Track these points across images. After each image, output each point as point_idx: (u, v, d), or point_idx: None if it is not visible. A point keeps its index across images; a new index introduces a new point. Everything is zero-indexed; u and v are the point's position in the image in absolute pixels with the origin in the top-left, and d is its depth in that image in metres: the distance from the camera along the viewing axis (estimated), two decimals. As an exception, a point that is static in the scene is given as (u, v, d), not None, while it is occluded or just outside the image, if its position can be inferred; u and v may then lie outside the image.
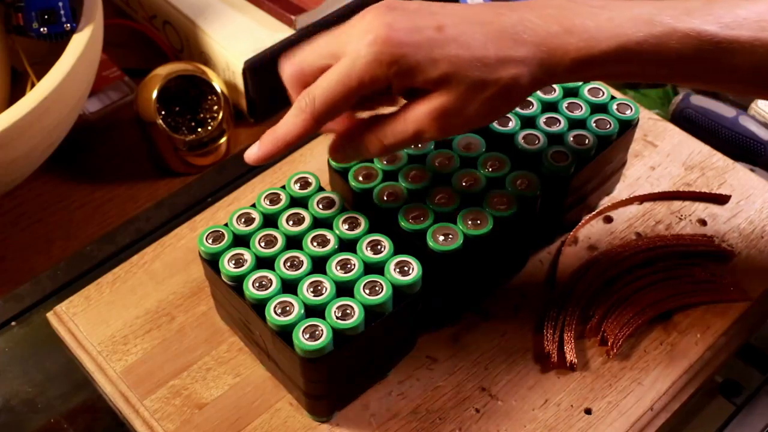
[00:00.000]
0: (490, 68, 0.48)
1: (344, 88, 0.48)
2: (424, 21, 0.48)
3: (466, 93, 0.48)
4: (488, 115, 0.50)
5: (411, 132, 0.49)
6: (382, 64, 0.47)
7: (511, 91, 0.49)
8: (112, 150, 0.78)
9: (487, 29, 0.48)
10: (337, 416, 0.57)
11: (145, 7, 0.84)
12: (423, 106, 0.49)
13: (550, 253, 0.66)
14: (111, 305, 0.64)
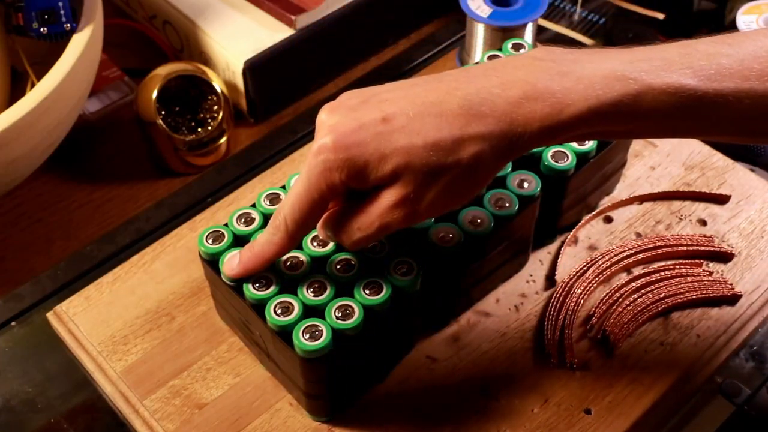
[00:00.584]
0: (446, 151, 0.45)
1: (308, 202, 0.48)
2: (369, 115, 0.46)
3: (424, 181, 0.45)
4: (454, 199, 0.48)
5: (376, 226, 0.47)
6: (333, 170, 0.46)
7: (474, 171, 0.46)
8: (112, 150, 0.78)
9: (439, 109, 0.45)
10: (337, 416, 0.57)
11: (145, 7, 0.84)
12: (383, 199, 0.47)
13: (550, 253, 0.66)
14: (111, 305, 0.64)
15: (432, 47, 0.85)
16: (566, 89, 0.45)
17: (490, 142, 0.45)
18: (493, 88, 0.46)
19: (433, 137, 0.45)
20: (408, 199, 0.46)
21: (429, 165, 0.45)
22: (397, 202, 0.46)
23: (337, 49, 0.83)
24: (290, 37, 0.77)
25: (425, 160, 0.45)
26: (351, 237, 0.49)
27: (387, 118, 0.46)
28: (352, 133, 0.45)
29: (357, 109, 0.47)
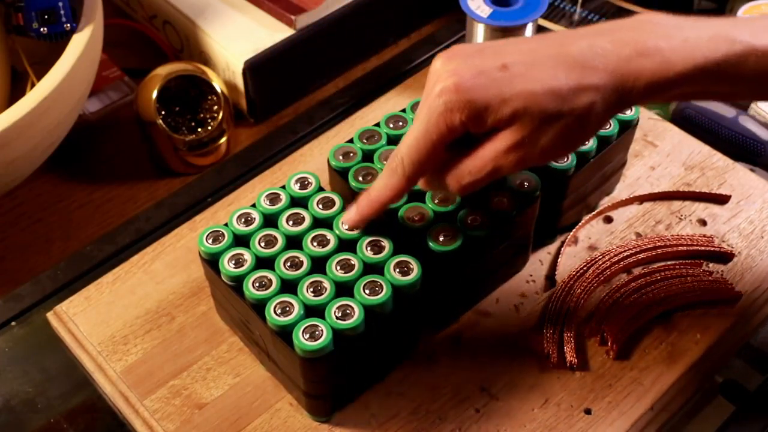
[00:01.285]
0: (562, 99, 0.47)
1: (426, 143, 0.49)
2: (488, 62, 0.48)
3: (540, 126, 0.47)
4: (564, 146, 0.50)
5: (488, 169, 0.49)
6: (454, 111, 0.47)
7: (586, 120, 0.48)
8: (112, 150, 0.78)
9: (555, 60, 0.48)
10: (337, 416, 0.57)
11: (145, 7, 0.84)
12: (498, 142, 0.48)
13: (550, 253, 0.66)
14: (111, 305, 0.64)
15: (432, 47, 0.85)
16: (674, 48, 0.47)
17: (602, 94, 0.48)
18: (605, 44, 0.48)
19: (551, 85, 0.47)
20: (523, 142, 0.48)
21: (546, 111, 0.47)
22: (512, 145, 0.48)
23: (337, 49, 0.83)
24: (290, 37, 0.77)
25: (543, 106, 0.47)
26: (460, 181, 0.50)
27: (506, 65, 0.48)
28: (473, 77, 0.47)
29: (475, 57, 0.48)
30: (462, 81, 0.47)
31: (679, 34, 0.48)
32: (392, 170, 0.51)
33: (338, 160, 0.60)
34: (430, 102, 0.48)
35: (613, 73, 0.47)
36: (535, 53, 0.48)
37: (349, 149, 0.60)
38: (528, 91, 0.47)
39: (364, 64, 0.86)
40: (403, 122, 0.62)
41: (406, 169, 0.51)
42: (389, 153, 0.60)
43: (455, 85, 0.47)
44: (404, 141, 0.50)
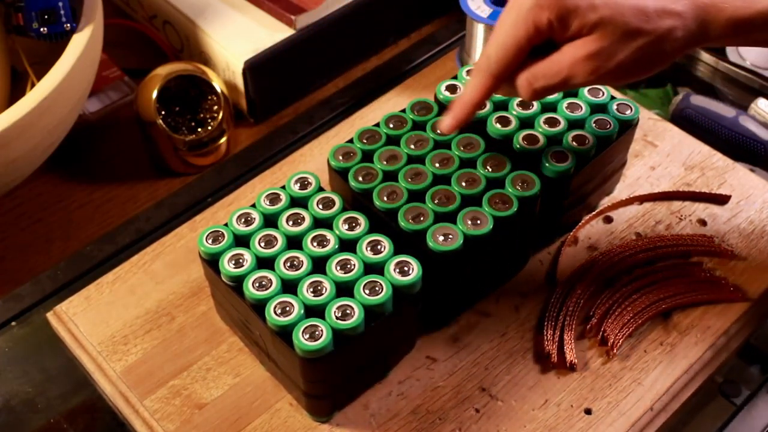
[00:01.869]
0: (647, 17, 0.49)
1: (514, 40, 0.51)
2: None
3: (622, 39, 0.49)
4: (639, 67, 0.51)
5: (563, 75, 0.50)
6: (543, 8, 0.49)
7: (665, 44, 0.50)
8: (112, 150, 0.79)
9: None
10: (337, 416, 0.57)
11: (145, 7, 0.84)
12: (577, 48, 0.50)
13: (550, 253, 0.66)
14: (111, 305, 0.64)
15: (432, 47, 0.85)
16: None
17: (684, 21, 0.50)
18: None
19: (638, 2, 0.49)
20: (602, 52, 0.49)
21: (630, 25, 0.49)
22: (591, 54, 0.49)
23: (337, 49, 0.83)
24: (290, 37, 0.77)
25: (628, 19, 0.49)
26: (533, 83, 0.52)
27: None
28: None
29: None
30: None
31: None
32: (480, 69, 0.53)
33: (338, 160, 0.60)
34: (520, 1, 0.50)
35: (697, 5, 0.50)
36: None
37: (349, 149, 0.60)
38: (616, 2, 0.49)
39: (364, 64, 0.86)
40: (403, 122, 0.62)
41: (492, 66, 0.52)
42: (389, 153, 0.60)
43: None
44: (491, 41, 0.52)
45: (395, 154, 0.60)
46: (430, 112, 0.63)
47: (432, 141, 0.61)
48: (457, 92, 0.64)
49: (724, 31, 0.50)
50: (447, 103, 0.64)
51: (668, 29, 0.49)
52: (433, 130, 0.60)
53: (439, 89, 0.64)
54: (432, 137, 0.61)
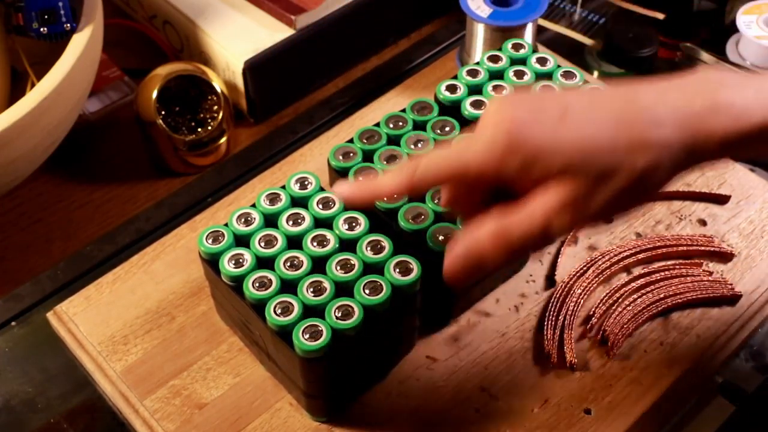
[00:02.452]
0: (621, 154, 0.43)
1: (451, 166, 0.46)
2: (548, 108, 0.45)
3: (595, 182, 0.44)
4: (622, 207, 0.46)
5: (540, 228, 0.44)
6: (498, 151, 0.44)
7: (648, 179, 0.44)
8: (112, 150, 0.78)
9: (619, 111, 0.44)
10: (336, 416, 0.57)
11: (145, 7, 0.84)
12: (549, 197, 0.44)
13: (550, 253, 0.66)
14: (111, 305, 0.64)
15: (432, 47, 0.85)
16: (746, 101, 0.45)
17: (669, 151, 0.44)
18: (674, 100, 0.45)
19: (611, 138, 0.44)
20: (576, 200, 0.44)
21: (603, 165, 0.43)
22: (565, 202, 0.44)
23: (337, 49, 0.83)
24: (290, 37, 0.77)
25: (600, 160, 0.44)
26: (508, 238, 0.45)
27: (566, 113, 0.44)
28: (529, 121, 0.44)
29: (534, 101, 0.46)
30: (516, 123, 0.44)
31: (749, 86, 0.45)
32: (402, 169, 0.48)
33: (338, 160, 0.60)
34: (478, 134, 0.45)
35: (683, 129, 0.44)
36: (598, 104, 0.45)
37: (349, 149, 0.60)
38: (585, 142, 0.44)
39: (364, 64, 0.86)
40: (403, 122, 0.62)
41: (417, 174, 0.47)
42: (389, 153, 0.60)
43: (509, 126, 0.44)
44: (432, 152, 0.47)
45: (395, 154, 0.60)
46: (430, 112, 0.63)
47: (432, 141, 0.61)
48: (457, 92, 0.64)
49: (719, 151, 0.45)
50: (447, 103, 0.64)
51: (649, 162, 0.44)
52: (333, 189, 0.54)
53: (439, 89, 0.64)
54: (432, 137, 0.61)
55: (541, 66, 0.66)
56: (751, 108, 0.44)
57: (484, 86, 0.64)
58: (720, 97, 0.45)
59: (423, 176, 0.47)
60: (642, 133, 0.44)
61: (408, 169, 0.48)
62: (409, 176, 0.47)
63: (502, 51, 0.67)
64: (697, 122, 0.44)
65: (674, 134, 0.44)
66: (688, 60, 0.85)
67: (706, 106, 0.44)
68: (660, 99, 0.45)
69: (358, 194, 0.51)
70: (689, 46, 0.85)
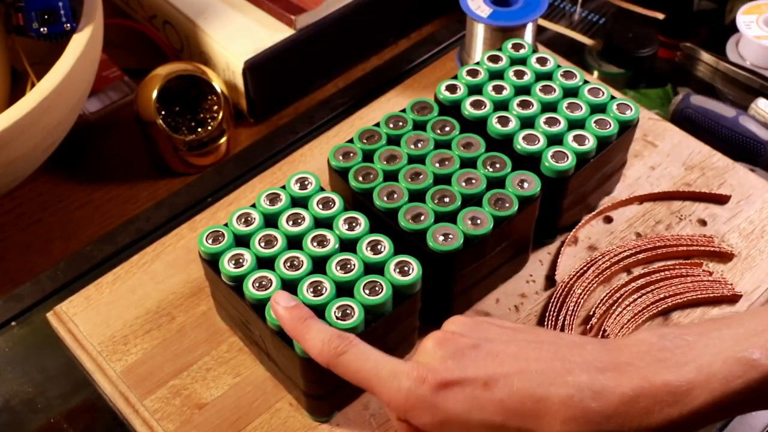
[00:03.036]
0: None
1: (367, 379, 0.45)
2: (473, 369, 0.43)
3: None
4: None
5: None
6: (413, 406, 0.43)
7: None
8: (112, 150, 0.79)
9: (545, 393, 0.42)
10: (337, 416, 0.57)
11: (145, 7, 0.84)
12: None
13: (550, 253, 0.66)
14: (111, 305, 0.64)
15: (432, 47, 0.85)
16: (688, 382, 0.41)
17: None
18: (607, 380, 0.42)
19: (530, 425, 0.42)
20: None
21: None
22: None
23: (337, 49, 0.83)
24: (290, 37, 0.77)
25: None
26: None
27: (489, 383, 0.43)
28: (449, 384, 0.43)
29: (465, 355, 0.44)
30: (438, 383, 0.43)
31: (691, 363, 0.42)
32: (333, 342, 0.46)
33: (338, 160, 0.60)
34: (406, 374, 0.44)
35: (612, 418, 0.41)
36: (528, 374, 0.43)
37: (349, 149, 0.60)
38: (498, 424, 0.42)
39: (364, 64, 0.86)
40: (403, 122, 0.62)
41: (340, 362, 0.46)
42: (389, 153, 0.60)
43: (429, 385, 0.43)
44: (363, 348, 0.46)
45: (395, 154, 0.60)
46: (430, 112, 0.63)
47: (432, 141, 0.61)
48: (457, 92, 0.64)
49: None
50: (447, 103, 0.64)
51: None
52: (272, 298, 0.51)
53: (439, 89, 0.64)
54: (432, 137, 0.61)
55: (541, 66, 0.66)
56: (692, 390, 0.41)
57: (484, 86, 0.64)
58: (657, 379, 0.41)
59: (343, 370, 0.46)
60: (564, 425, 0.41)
61: (332, 351, 0.46)
62: (332, 358, 0.46)
63: (502, 51, 0.67)
64: (629, 409, 0.41)
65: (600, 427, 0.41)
66: (688, 59, 0.85)
67: (643, 392, 0.41)
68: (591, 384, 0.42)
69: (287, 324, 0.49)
70: (689, 46, 0.85)
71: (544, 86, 0.64)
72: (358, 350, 0.46)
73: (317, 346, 0.47)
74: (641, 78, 0.84)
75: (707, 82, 0.83)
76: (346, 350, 0.46)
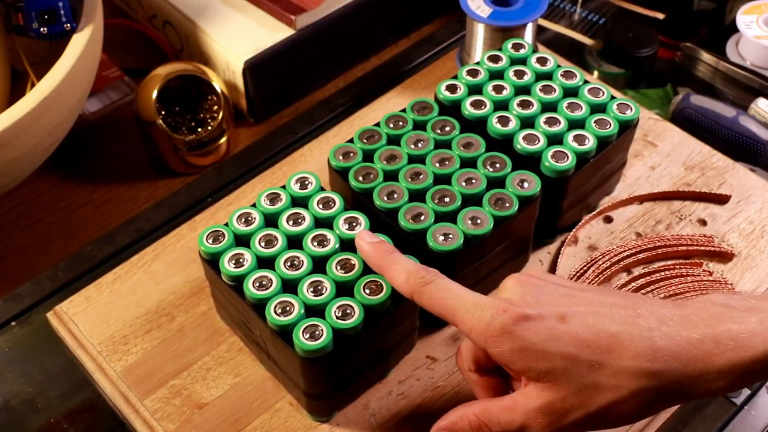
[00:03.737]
0: (609, 375, 0.44)
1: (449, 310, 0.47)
2: (551, 305, 0.46)
3: (576, 396, 0.44)
4: (602, 425, 0.45)
5: (518, 424, 0.46)
6: (493, 334, 0.45)
7: (632, 405, 0.44)
8: (112, 150, 0.79)
9: (617, 330, 0.44)
10: (337, 416, 0.57)
11: (145, 7, 0.84)
12: (532, 400, 0.45)
13: (550, 253, 0.66)
14: (111, 305, 0.64)
15: (432, 47, 0.85)
16: (749, 330, 0.44)
17: (660, 381, 0.44)
18: (675, 325, 0.45)
19: (602, 357, 0.44)
20: (553, 407, 0.45)
21: (585, 382, 0.44)
22: (544, 408, 0.45)
23: (337, 49, 0.83)
24: (290, 37, 0.77)
25: (583, 376, 0.44)
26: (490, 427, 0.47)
27: (565, 317, 0.45)
28: (530, 316, 0.45)
29: (543, 293, 0.47)
30: (516, 315, 0.45)
31: (753, 315, 0.45)
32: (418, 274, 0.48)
33: (338, 160, 0.60)
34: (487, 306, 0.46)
35: (678, 359, 0.44)
36: (601, 317, 0.45)
37: (349, 149, 0.61)
38: (573, 354, 0.44)
39: (364, 64, 0.86)
40: (403, 122, 0.62)
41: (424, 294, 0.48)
42: (389, 153, 0.60)
43: (510, 315, 0.45)
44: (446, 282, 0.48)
45: (395, 153, 0.60)
46: (430, 112, 0.63)
47: (432, 141, 0.61)
48: (457, 92, 0.64)
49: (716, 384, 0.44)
50: (447, 103, 0.64)
51: (637, 390, 0.44)
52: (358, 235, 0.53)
53: (439, 89, 0.64)
54: (432, 137, 0.61)
55: (541, 66, 0.66)
56: (754, 338, 0.44)
57: (484, 86, 0.64)
58: (721, 327, 0.44)
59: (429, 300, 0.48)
60: (634, 359, 0.44)
61: (419, 280, 0.48)
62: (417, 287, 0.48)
63: (502, 51, 0.67)
64: (693, 353, 0.44)
65: (666, 365, 0.44)
66: (688, 59, 0.85)
67: (707, 337, 0.44)
68: (659, 325, 0.45)
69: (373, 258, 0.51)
70: (689, 46, 0.85)
71: (544, 86, 0.64)
72: (443, 282, 0.48)
73: (402, 277, 0.49)
74: (641, 78, 0.84)
75: (707, 82, 0.84)
76: (431, 281, 0.48)
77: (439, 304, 0.48)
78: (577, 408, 0.45)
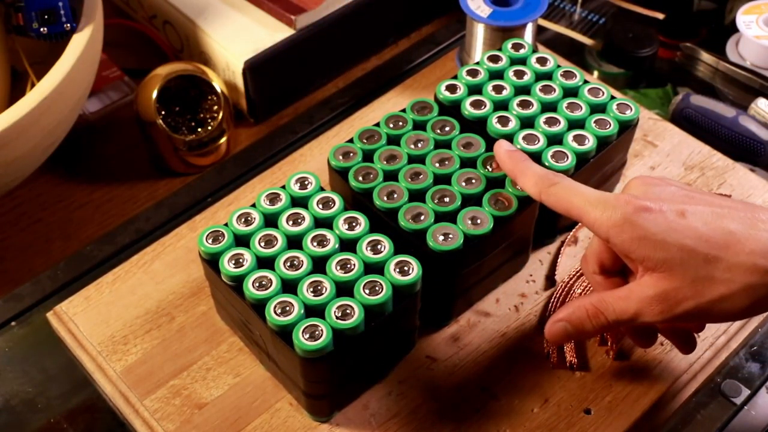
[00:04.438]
0: (723, 269, 0.46)
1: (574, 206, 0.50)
2: (672, 201, 0.48)
3: (689, 286, 0.46)
4: (708, 318, 0.48)
5: (631, 312, 0.49)
6: (615, 224, 0.48)
7: (741, 300, 0.46)
8: (112, 150, 0.79)
9: (735, 228, 0.46)
10: (337, 416, 0.57)
11: (145, 7, 0.84)
12: (647, 288, 0.48)
13: (550, 253, 0.66)
14: (111, 305, 0.64)
15: (432, 47, 0.85)
16: None
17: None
18: None
19: (718, 252, 0.46)
20: (667, 296, 0.47)
21: (700, 274, 0.46)
22: (658, 296, 0.47)
23: (337, 49, 0.83)
24: (290, 37, 0.77)
25: (698, 268, 0.46)
26: (605, 318, 0.50)
27: (684, 212, 0.48)
28: (651, 209, 0.48)
29: (666, 191, 0.50)
30: (638, 206, 0.48)
31: None
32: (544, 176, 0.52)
33: (338, 160, 0.60)
34: (613, 200, 0.49)
35: None
36: (720, 216, 0.47)
37: (349, 149, 0.61)
38: (689, 246, 0.46)
39: (364, 64, 0.86)
40: (403, 122, 0.62)
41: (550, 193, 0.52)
42: (389, 153, 0.60)
43: (633, 206, 0.48)
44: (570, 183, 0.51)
45: (395, 153, 0.60)
46: (430, 112, 0.63)
47: (432, 141, 0.61)
48: (457, 92, 0.64)
49: None
50: (447, 103, 0.64)
51: (747, 285, 0.46)
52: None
53: (439, 89, 0.64)
54: (432, 137, 0.61)
55: (541, 66, 0.66)
56: None
57: (484, 86, 0.64)
58: None
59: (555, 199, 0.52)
60: (747, 256, 0.46)
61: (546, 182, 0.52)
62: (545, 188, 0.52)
63: (502, 51, 0.67)
64: None
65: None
66: (688, 59, 0.85)
67: None
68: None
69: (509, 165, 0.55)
70: (689, 46, 0.85)
71: (544, 86, 0.64)
72: (568, 182, 0.52)
73: (533, 179, 0.53)
74: (641, 78, 0.84)
75: (707, 82, 0.84)
76: (558, 182, 0.52)
77: (565, 201, 0.51)
78: (689, 298, 0.47)
